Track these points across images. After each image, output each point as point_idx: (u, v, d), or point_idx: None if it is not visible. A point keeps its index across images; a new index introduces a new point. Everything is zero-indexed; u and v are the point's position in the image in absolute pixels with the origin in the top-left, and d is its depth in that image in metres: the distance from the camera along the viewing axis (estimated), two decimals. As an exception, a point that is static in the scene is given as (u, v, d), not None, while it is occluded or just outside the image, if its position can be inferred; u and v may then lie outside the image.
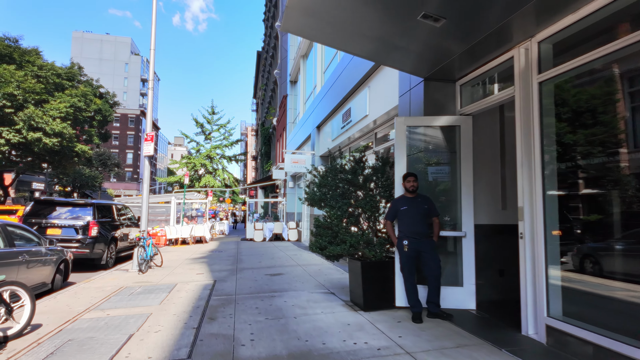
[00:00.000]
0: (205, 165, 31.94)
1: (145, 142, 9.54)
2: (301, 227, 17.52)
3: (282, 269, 8.69)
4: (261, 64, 43.68)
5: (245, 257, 11.11)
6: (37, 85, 17.27)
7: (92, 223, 9.36)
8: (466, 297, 4.77)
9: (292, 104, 19.29)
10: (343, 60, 9.14)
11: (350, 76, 8.43)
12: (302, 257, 10.93)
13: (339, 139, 9.69)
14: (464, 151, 4.88)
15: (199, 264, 9.86)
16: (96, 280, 7.81)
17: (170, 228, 16.32)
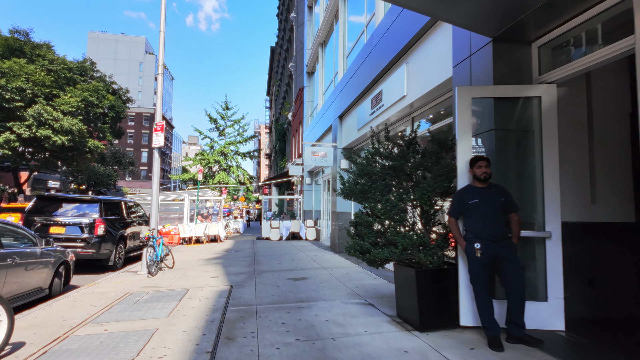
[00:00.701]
0: (219, 162, 31.21)
1: (155, 133, 8.73)
2: (319, 225, 16.59)
3: (306, 272, 7.75)
4: (275, 59, 42.90)
5: (262, 258, 10.23)
6: (47, 77, 16.79)
7: (99, 221, 8.62)
8: (552, 314, 3.72)
9: (309, 96, 18.34)
10: (372, 38, 8.13)
11: (382, 54, 7.41)
12: (325, 258, 9.98)
13: (367, 127, 8.68)
14: (547, 129, 3.83)
15: (213, 266, 9.02)
16: (101, 284, 7.03)
17: (183, 226, 15.62)
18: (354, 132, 9.83)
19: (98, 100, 20.60)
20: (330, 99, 12.27)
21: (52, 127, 16.46)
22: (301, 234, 16.86)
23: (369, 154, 4.75)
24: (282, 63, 33.54)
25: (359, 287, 6.29)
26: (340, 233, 10.85)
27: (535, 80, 4.05)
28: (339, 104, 11.09)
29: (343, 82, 10.73)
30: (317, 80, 17.04)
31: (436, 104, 6.19)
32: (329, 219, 14.39)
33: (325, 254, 10.79)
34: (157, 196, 8.64)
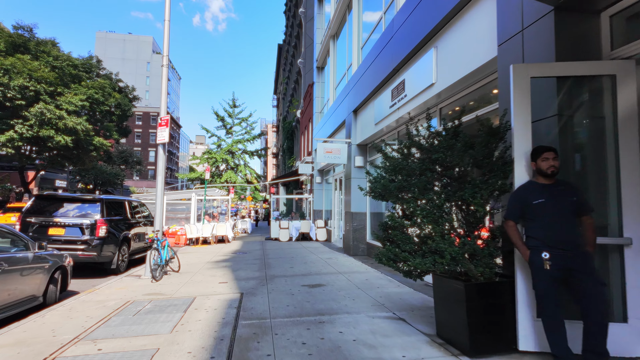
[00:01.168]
0: (227, 160, 30.63)
1: (160, 128, 8.20)
2: (330, 226, 15.99)
3: (321, 278, 7.15)
4: (282, 56, 42.37)
5: (273, 261, 9.66)
6: (51, 74, 16.39)
7: (100, 222, 8.11)
8: (633, 338, 3.07)
9: (319, 92, 17.73)
10: (392, 25, 7.48)
11: (405, 40, 6.77)
12: (340, 261, 9.37)
13: (386, 120, 8.05)
14: (624, 114, 3.16)
15: (221, 269, 8.47)
16: (101, 290, 6.50)
17: (190, 227, 15.13)
18: (371, 126, 9.20)
19: (104, 98, 20.22)
20: (344, 93, 11.65)
21: (55, 126, 16.07)
22: (311, 234, 16.27)
23: (404, 146, 4.10)
24: (290, 60, 32.98)
25: (383, 296, 5.66)
26: (355, 235, 10.23)
27: (606, 56, 3.39)
28: (353, 98, 10.46)
29: (358, 74, 10.10)
30: (327, 76, 16.42)
31: (469, 92, 5.53)
32: (341, 219, 13.78)
33: (340, 257, 10.18)
34: (161, 195, 8.11)
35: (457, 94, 5.82)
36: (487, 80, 5.04)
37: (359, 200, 10.28)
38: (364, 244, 10.22)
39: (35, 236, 7.73)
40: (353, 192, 10.29)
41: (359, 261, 9.28)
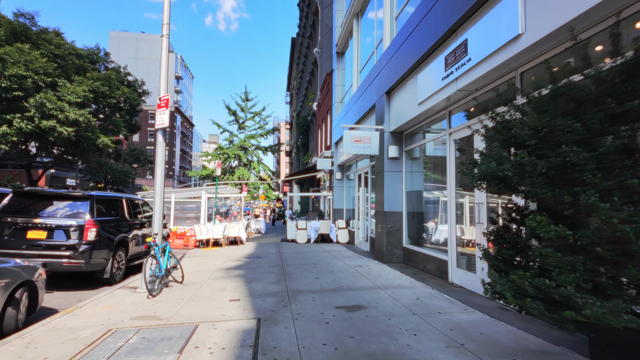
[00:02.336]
0: (239, 156, 29.20)
1: (159, 110, 6.82)
2: (353, 226, 14.45)
3: (358, 296, 5.64)
4: (296, 50, 40.96)
5: (293, 269, 8.19)
6: (50, 64, 15.27)
7: (90, 223, 6.79)
8: None
9: (339, 79, 16.19)
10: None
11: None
12: (373, 270, 7.84)
13: (435, 97, 6.47)
14: None
15: (232, 280, 7.04)
16: (82, 310, 5.15)
17: (200, 227, 13.82)
18: (411, 108, 7.62)
19: (110, 91, 19.12)
20: (372, 74, 10.08)
21: (56, 117, 14.97)
22: (331, 236, 14.76)
23: (561, 89, 2.44)
24: (305, 52, 31.52)
25: (454, 328, 4.11)
26: (389, 238, 8.67)
27: None
28: (385, 78, 8.89)
29: (392, 49, 8.53)
30: (349, 61, 14.87)
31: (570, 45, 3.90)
32: (366, 219, 12.24)
33: (371, 265, 8.64)
34: (161, 192, 6.72)
35: (554, 48, 4.21)
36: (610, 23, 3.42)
37: (393, 198, 8.72)
38: (400, 249, 8.66)
39: (11, 241, 6.46)
40: (387, 187, 8.73)
41: (397, 270, 7.72)
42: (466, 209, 6.30)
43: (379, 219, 9.05)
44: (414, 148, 8.53)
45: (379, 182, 9.15)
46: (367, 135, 8.90)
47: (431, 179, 7.97)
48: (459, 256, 6.34)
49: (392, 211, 8.70)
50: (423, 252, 7.58)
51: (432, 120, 7.46)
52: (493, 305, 4.98)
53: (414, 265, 8.02)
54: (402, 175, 8.79)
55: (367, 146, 8.85)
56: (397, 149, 8.75)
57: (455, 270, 6.36)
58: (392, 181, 8.76)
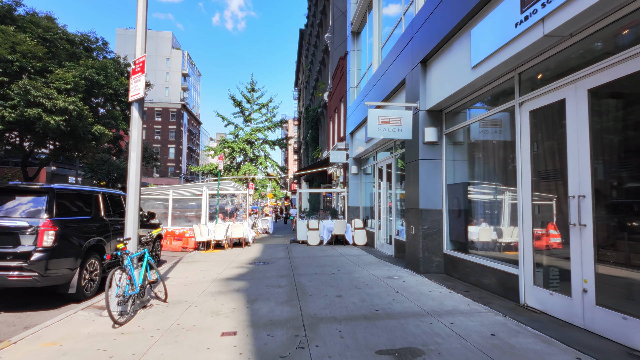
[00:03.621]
0: (245, 150, 27.46)
1: (133, 77, 5.24)
2: (371, 226, 12.79)
3: (403, 329, 3.98)
4: (304, 42, 39.32)
5: (307, 280, 6.56)
6: (39, 48, 13.86)
7: (47, 224, 5.25)
8: None
9: (355, 62, 14.49)
10: None
11: None
12: (409, 284, 6.17)
13: (504, 53, 4.75)
14: None
15: (231, 298, 5.44)
16: (12, 350, 3.59)
17: (200, 227, 12.28)
18: (460, 75, 5.91)
19: (107, 81, 17.70)
20: (399, 45, 8.37)
21: (43, 106, 13.56)
22: (347, 237, 13.10)
23: None
24: (314, 41, 29.84)
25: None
26: (425, 242, 6.98)
27: None
28: (419, 44, 7.19)
29: (428, 7, 6.81)
30: (366, 40, 13.18)
31: None
32: (389, 218, 10.55)
33: (403, 275, 6.97)
34: (135, 184, 5.14)
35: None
36: None
37: (431, 192, 7.03)
38: (440, 256, 6.96)
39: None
40: (423, 180, 7.04)
41: (441, 285, 6.04)
42: (530, 206, 4.58)
43: (412, 218, 7.37)
44: (457, 130, 6.81)
45: (411, 173, 7.46)
46: (397, 116, 7.21)
47: (482, 168, 6.26)
48: (536, 269, 4.64)
49: (429, 209, 7.01)
50: (475, 261, 5.88)
51: (489, 89, 5.73)
52: (617, 349, 3.28)
53: (461, 277, 6.32)
54: (442, 164, 7.08)
55: (397, 128, 7.16)
56: (436, 131, 7.05)
57: (531, 288, 4.66)
58: (430, 172, 7.07)
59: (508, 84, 5.26)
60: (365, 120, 12.06)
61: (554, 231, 4.42)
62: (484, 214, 6.11)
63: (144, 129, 23.11)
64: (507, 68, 5.00)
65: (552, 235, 4.46)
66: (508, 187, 5.38)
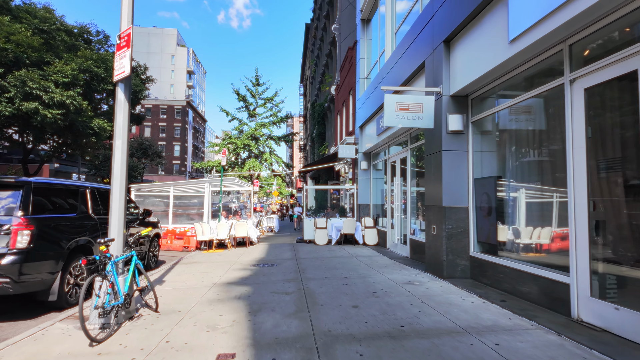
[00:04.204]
0: (250, 146, 26.65)
1: (118, 53, 4.57)
2: (382, 225, 12.06)
3: (439, 352, 3.25)
4: (310, 36, 38.53)
5: (318, 286, 5.85)
6: (35, 38, 13.29)
7: (21, 222, 4.61)
8: None
9: (365, 51, 13.72)
10: None
11: None
12: (434, 292, 5.43)
13: (553, 19, 3.98)
14: None
15: (230, 307, 4.75)
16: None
17: (202, 225, 11.64)
18: (494, 53, 5.15)
19: (106, 74, 17.12)
20: (417, 26, 7.59)
21: (40, 99, 13.00)
22: (357, 236, 12.37)
23: None
24: (321, 34, 29.06)
25: None
26: (449, 243, 6.23)
27: None
28: (442, 22, 6.42)
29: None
30: (377, 27, 12.41)
31: None
32: (402, 216, 9.81)
33: (424, 280, 6.23)
34: (121, 177, 4.46)
35: None
36: None
37: (455, 188, 6.27)
38: (466, 259, 6.21)
39: None
40: (446, 173, 6.28)
41: (470, 293, 5.29)
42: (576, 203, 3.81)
43: (434, 217, 6.61)
44: (486, 117, 6.04)
45: (432, 167, 6.70)
46: (417, 102, 6.45)
47: (516, 160, 5.48)
48: (593, 278, 3.87)
49: (453, 206, 6.25)
50: (510, 265, 5.12)
51: (528, 68, 4.95)
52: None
53: (491, 284, 5.56)
54: (469, 155, 6.32)
55: (417, 116, 6.40)
56: (461, 118, 6.28)
57: (586, 300, 3.90)
58: (454, 164, 6.31)
59: (554, 59, 4.48)
60: (376, 112, 11.31)
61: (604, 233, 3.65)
62: (519, 211, 5.34)
63: (148, 126, 22.84)
64: (555, 39, 4.22)
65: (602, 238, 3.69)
66: (551, 181, 4.62)
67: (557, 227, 4.52)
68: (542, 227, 4.80)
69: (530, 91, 4.93)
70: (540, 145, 4.93)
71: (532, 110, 5.13)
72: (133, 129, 60.94)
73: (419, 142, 8.61)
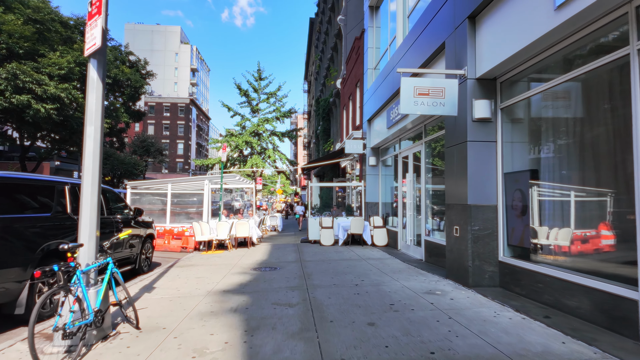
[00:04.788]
0: (252, 143, 25.81)
1: (89, 22, 3.87)
2: (392, 224, 11.32)
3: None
4: (314, 31, 37.74)
5: (326, 296, 5.12)
6: (27, 27, 12.66)
7: (-22, 223, 3.91)
8: None
9: (373, 40, 12.93)
10: None
11: None
12: (461, 303, 4.68)
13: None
14: None
15: (224, 325, 4.03)
16: None
17: (201, 225, 10.96)
18: (536, 23, 4.37)
19: (104, 67, 16.44)
20: (436, 3, 6.80)
21: (33, 92, 12.37)
22: (365, 236, 11.63)
23: None
24: (326, 28, 28.26)
25: None
26: (475, 247, 5.47)
27: None
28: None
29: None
30: (386, 14, 11.63)
31: None
32: (415, 215, 9.06)
33: (447, 289, 5.47)
34: (93, 168, 3.76)
35: None
36: None
37: (482, 183, 5.50)
38: (494, 265, 5.44)
39: None
40: (472, 167, 5.52)
41: (504, 305, 4.53)
42: None
43: (456, 217, 5.85)
44: (518, 103, 5.26)
45: (455, 160, 5.94)
46: (439, 86, 5.67)
47: (555, 151, 4.70)
48: (671, 294, 3.10)
49: (480, 205, 5.49)
50: (553, 274, 4.35)
51: (575, 41, 4.16)
52: None
53: (527, 294, 4.80)
54: (497, 147, 5.55)
55: (438, 102, 5.63)
56: (488, 105, 5.51)
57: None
58: (481, 157, 5.54)
59: (614, 25, 3.69)
60: (386, 104, 10.54)
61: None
62: (562, 211, 4.57)
63: (152, 124, 22.02)
64: (618, 0, 3.44)
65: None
66: (605, 175, 3.84)
67: (614, 230, 3.75)
68: (594, 230, 4.03)
69: (577, 69, 4.15)
70: (589, 133, 4.15)
71: (577, 92, 4.35)
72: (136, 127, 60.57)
73: (435, 134, 7.84)
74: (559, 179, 4.61)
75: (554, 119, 4.78)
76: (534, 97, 5.01)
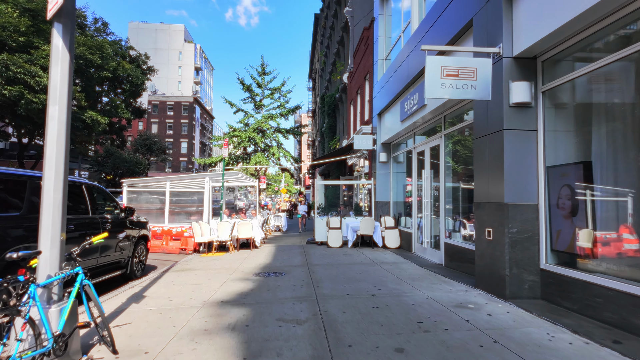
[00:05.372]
0: (255, 140, 24.99)
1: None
2: (406, 225, 10.56)
3: None
4: (319, 27, 36.99)
5: (340, 311, 4.38)
6: (22, 20, 12.08)
7: None
8: None
9: (384, 29, 12.16)
10: None
11: None
12: (502, 321, 3.93)
13: None
14: None
15: (218, 349, 3.31)
16: None
17: (201, 225, 10.27)
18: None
19: (102, 61, 15.88)
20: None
21: (26, 83, 11.77)
22: (375, 238, 10.88)
23: None
24: (331, 22, 27.49)
25: None
26: (513, 252, 4.70)
27: None
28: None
29: None
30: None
31: None
32: (432, 215, 8.29)
33: (479, 300, 4.71)
34: (57, 159, 3.05)
35: None
36: None
37: (520, 179, 4.73)
38: (535, 273, 4.67)
39: None
40: (508, 160, 4.75)
41: (555, 324, 3.77)
42: None
43: (489, 217, 5.08)
44: (563, 85, 4.48)
45: (486, 152, 5.17)
46: (469, 66, 4.90)
47: (612, 141, 3.93)
48: None
49: (518, 203, 4.71)
50: (620, 288, 3.58)
51: (638, 7, 3.39)
52: None
53: (581, 310, 4.02)
54: (539, 136, 4.77)
55: (469, 84, 4.86)
56: (528, 87, 4.73)
57: None
58: (519, 148, 4.77)
59: None
60: (400, 95, 9.78)
61: None
62: (625, 210, 3.79)
63: (155, 123, 21.14)
64: None
65: None
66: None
67: None
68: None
69: (636, 44, 3.37)
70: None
71: (637, 72, 3.57)
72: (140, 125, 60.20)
73: (458, 126, 7.07)
74: (620, 173, 3.83)
75: (607, 104, 4.00)
76: (582, 78, 4.23)
